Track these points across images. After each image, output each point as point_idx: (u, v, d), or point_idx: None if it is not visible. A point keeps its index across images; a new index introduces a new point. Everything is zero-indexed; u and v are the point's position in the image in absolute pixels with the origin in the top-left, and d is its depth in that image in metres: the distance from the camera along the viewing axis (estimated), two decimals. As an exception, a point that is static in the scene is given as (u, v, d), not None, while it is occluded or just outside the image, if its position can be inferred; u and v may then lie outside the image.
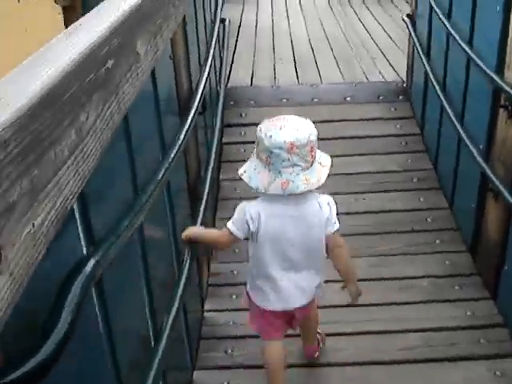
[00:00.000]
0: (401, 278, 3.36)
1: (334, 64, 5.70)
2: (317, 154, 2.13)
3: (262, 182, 2.09)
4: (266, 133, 2.06)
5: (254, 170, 2.12)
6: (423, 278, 3.34)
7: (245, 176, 2.14)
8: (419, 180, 4.12)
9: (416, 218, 3.78)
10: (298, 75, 5.49)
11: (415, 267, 3.42)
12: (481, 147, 3.14)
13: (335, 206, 2.25)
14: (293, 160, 2.04)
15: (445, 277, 3.35)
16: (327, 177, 2.14)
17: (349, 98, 4.92)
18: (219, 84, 4.01)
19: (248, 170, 2.15)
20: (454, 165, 3.68)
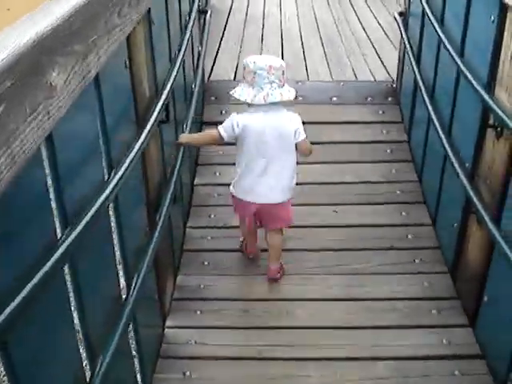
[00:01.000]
0: (374, 299, 3.17)
1: (323, 60, 5.45)
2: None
3: (249, 95, 2.86)
4: (252, 60, 2.88)
5: (242, 90, 2.90)
6: (399, 299, 3.16)
7: (236, 94, 2.92)
8: (403, 192, 3.91)
9: (396, 234, 3.57)
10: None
11: (391, 288, 3.24)
12: (467, 165, 2.94)
13: (300, 119, 3.01)
14: (271, 78, 2.84)
15: (422, 299, 3.17)
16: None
17: (335, 99, 4.69)
18: (195, 81, 3.78)
19: (238, 90, 2.92)
20: (439, 179, 3.47)
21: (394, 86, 4.89)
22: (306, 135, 3.01)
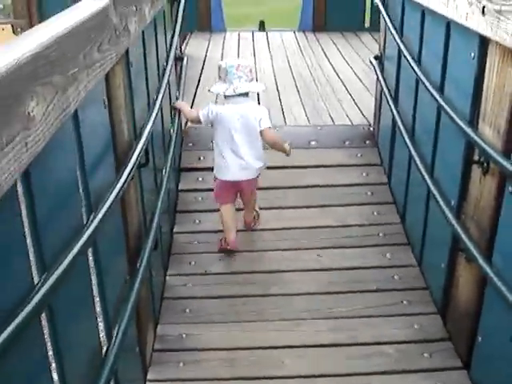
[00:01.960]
0: (362, 343, 3.06)
1: (299, 105, 5.46)
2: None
3: (222, 89, 3.53)
4: (224, 61, 3.62)
5: (217, 86, 3.57)
6: (388, 344, 3.05)
7: (213, 89, 3.61)
8: (385, 235, 3.84)
9: (381, 276, 3.49)
10: (261, 116, 5.21)
11: (379, 331, 3.12)
12: (452, 203, 2.89)
13: (267, 111, 3.64)
14: (239, 74, 3.48)
15: (413, 342, 3.07)
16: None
17: (314, 142, 4.66)
18: (172, 127, 3.72)
19: (214, 86, 3.60)
20: (423, 219, 3.42)
21: (370, 128, 4.89)
22: (270, 125, 3.59)
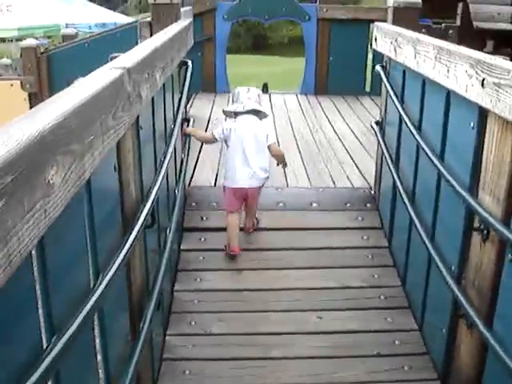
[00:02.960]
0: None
1: (301, 167, 5.54)
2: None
3: (233, 108, 4.18)
4: (237, 88, 4.32)
5: (230, 106, 4.26)
6: (390, 410, 3.03)
7: (226, 108, 4.34)
8: (386, 298, 3.85)
9: (382, 341, 3.48)
10: (263, 177, 5.28)
11: (381, 397, 3.11)
12: (453, 268, 2.92)
13: (272, 129, 4.28)
14: (249, 96, 4.17)
15: (414, 410, 3.05)
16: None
17: (315, 204, 4.72)
18: (177, 187, 3.78)
19: (227, 106, 4.34)
20: (424, 283, 3.44)
21: (371, 192, 4.95)
22: (275, 140, 4.40)
